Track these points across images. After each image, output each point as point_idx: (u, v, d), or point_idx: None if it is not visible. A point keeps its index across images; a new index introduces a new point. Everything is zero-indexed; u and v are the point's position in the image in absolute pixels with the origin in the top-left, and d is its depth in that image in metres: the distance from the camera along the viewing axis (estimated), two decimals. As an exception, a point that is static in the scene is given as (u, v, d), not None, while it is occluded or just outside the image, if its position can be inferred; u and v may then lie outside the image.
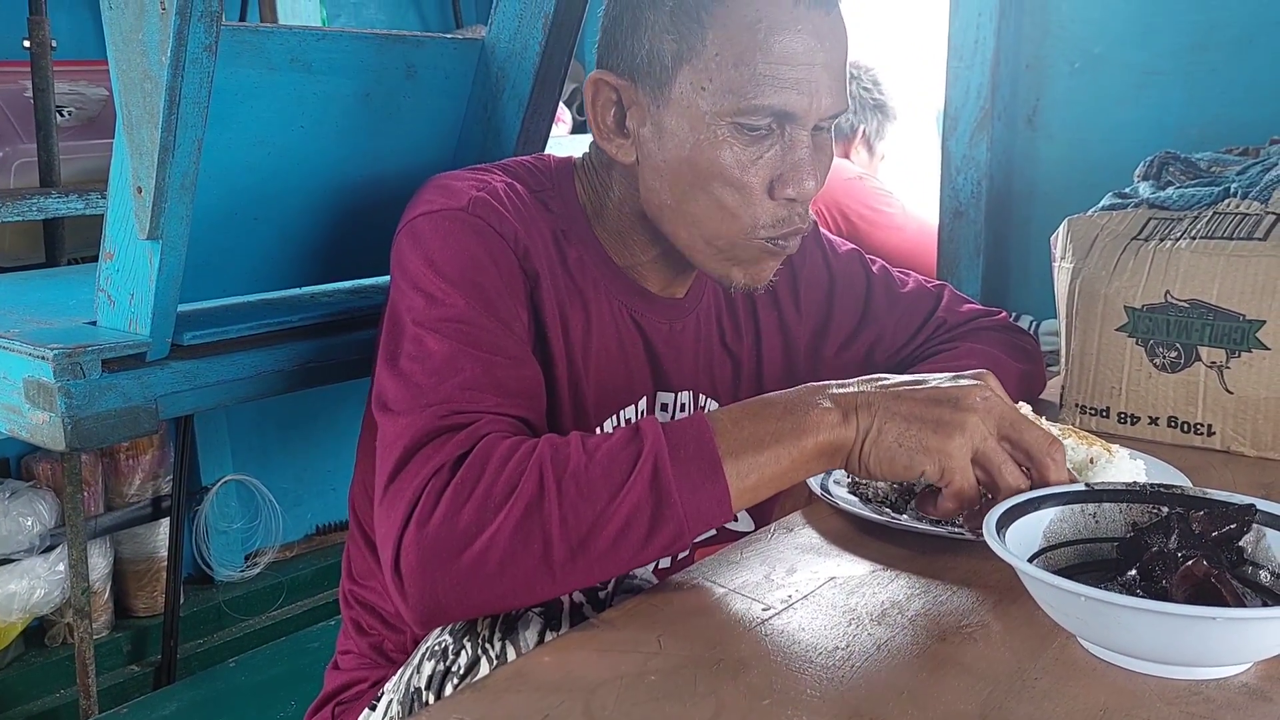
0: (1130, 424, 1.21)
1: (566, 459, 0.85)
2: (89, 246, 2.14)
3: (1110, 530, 0.84)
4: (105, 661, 2.39)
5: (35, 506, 2.26)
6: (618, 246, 1.15)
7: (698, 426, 0.86)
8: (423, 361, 0.96)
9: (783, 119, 1.01)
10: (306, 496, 2.92)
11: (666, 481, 0.83)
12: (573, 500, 0.83)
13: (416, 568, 0.84)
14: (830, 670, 0.72)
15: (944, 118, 2.14)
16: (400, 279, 1.03)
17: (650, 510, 0.83)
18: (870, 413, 0.86)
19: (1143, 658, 0.70)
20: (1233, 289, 1.13)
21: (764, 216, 1.04)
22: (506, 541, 0.82)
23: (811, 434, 0.86)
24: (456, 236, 1.03)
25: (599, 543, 0.83)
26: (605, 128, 1.08)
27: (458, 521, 0.83)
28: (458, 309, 0.98)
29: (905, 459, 0.85)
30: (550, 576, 0.83)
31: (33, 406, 1.12)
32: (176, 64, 0.99)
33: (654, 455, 0.84)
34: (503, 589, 0.84)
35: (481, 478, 0.85)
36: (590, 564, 0.83)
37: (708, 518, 0.84)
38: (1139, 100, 1.91)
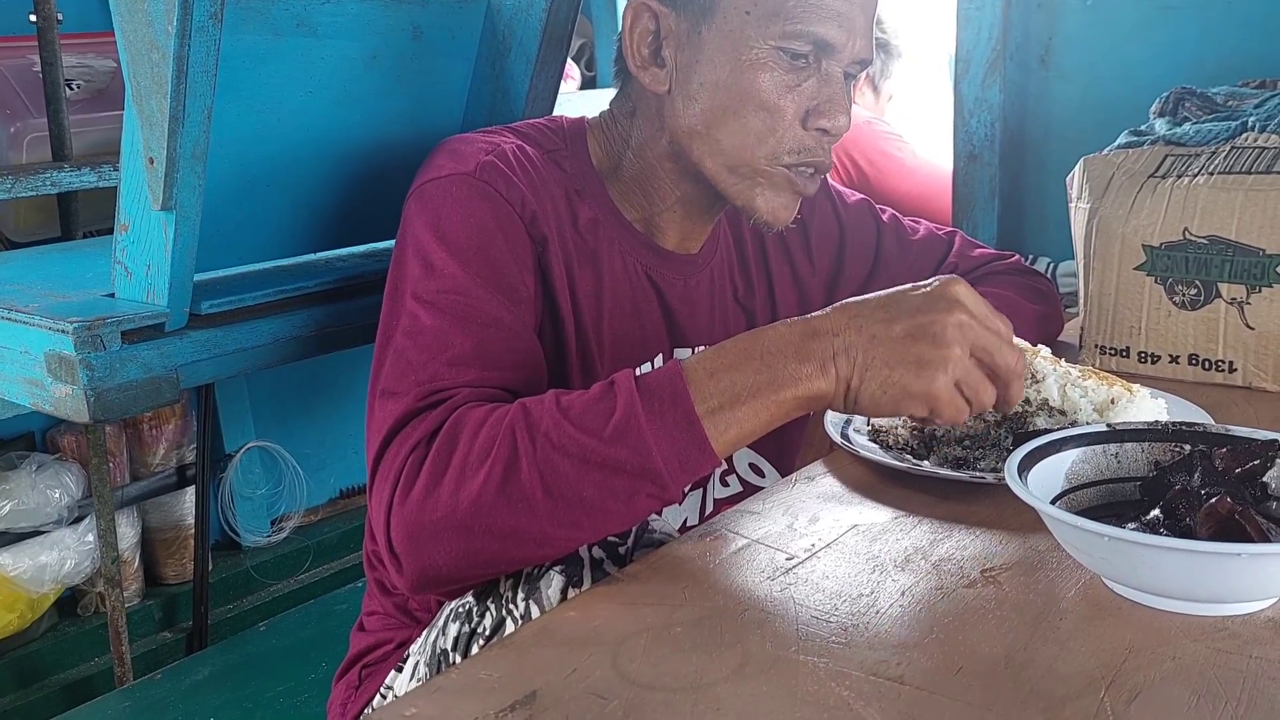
0: (1151, 363, 1.21)
1: (540, 418, 0.85)
2: (104, 219, 2.14)
3: (1133, 470, 0.83)
4: (137, 629, 2.42)
5: (62, 479, 2.29)
6: (635, 199, 1.15)
7: (673, 381, 0.85)
8: (415, 337, 0.97)
9: (821, 50, 1.04)
10: (329, 460, 2.94)
11: (643, 436, 0.83)
12: (549, 459, 0.84)
13: (406, 542, 0.86)
14: (855, 617, 0.72)
15: (955, 60, 2.11)
16: (404, 245, 1.04)
17: (630, 466, 0.83)
18: (849, 360, 0.86)
19: (1168, 596, 0.71)
20: (1252, 223, 1.12)
21: (792, 143, 1.06)
22: (489, 504, 0.83)
23: (789, 387, 0.85)
24: (462, 202, 1.03)
25: (580, 500, 0.83)
26: (641, 57, 1.10)
27: (439, 492, 0.85)
28: (455, 280, 0.99)
29: (891, 405, 0.85)
30: (537, 535, 0.84)
31: (55, 380, 1.13)
32: (183, 33, 0.99)
33: (628, 411, 0.84)
34: (491, 552, 0.85)
35: (456, 447, 0.86)
36: (574, 521, 0.84)
37: (692, 470, 0.85)
38: (1153, 36, 1.88)
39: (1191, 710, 0.61)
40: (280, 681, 2.16)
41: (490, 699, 0.65)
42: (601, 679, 0.66)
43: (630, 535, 0.90)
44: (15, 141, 2.12)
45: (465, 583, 0.91)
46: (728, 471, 1.27)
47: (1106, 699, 0.62)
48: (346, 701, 1.21)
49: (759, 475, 1.28)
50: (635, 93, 1.14)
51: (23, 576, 2.22)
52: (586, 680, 0.66)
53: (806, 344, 0.87)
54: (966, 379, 0.85)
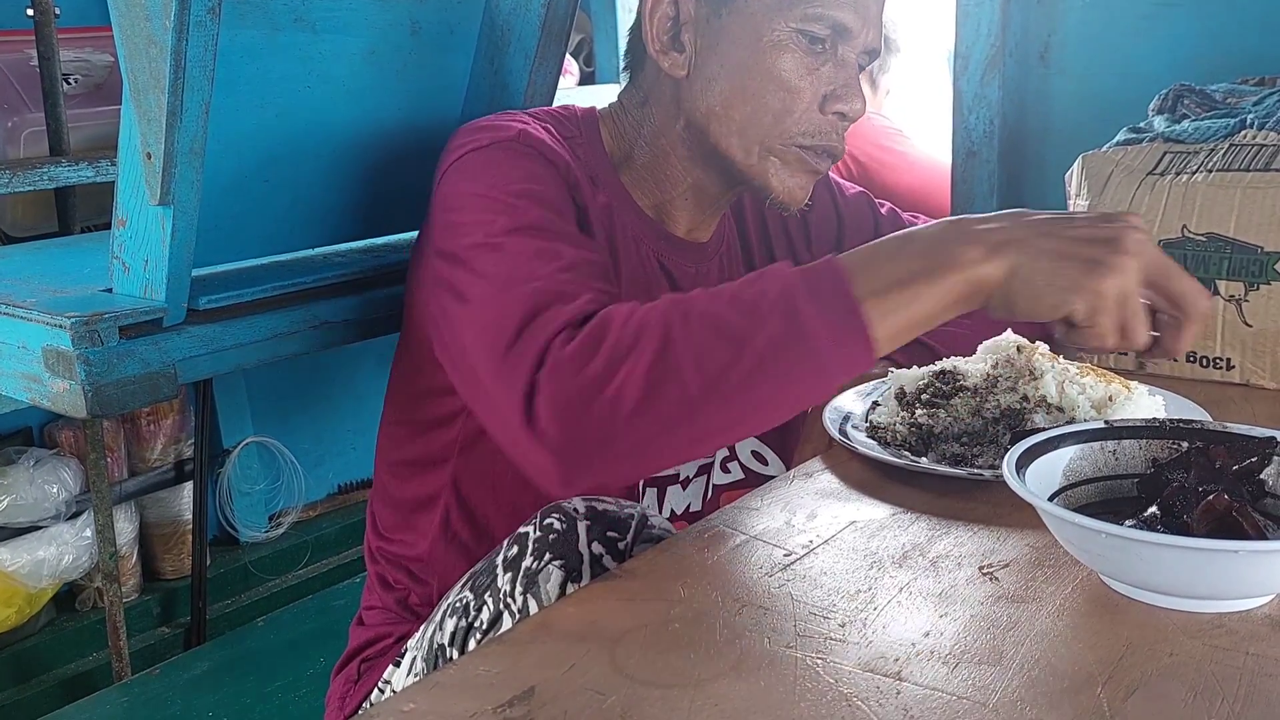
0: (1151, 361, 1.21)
1: (692, 302, 0.84)
2: (101, 214, 2.14)
3: (1130, 467, 0.84)
4: (136, 624, 2.42)
5: (60, 474, 2.28)
6: (647, 186, 1.17)
7: (830, 269, 0.83)
8: (512, 258, 0.95)
9: (838, 35, 1.07)
10: (327, 456, 2.94)
11: (802, 318, 0.80)
12: (704, 338, 0.81)
13: (554, 417, 0.83)
14: (852, 614, 0.72)
15: (955, 57, 2.11)
16: (459, 214, 1.02)
17: (789, 346, 0.80)
18: (1020, 249, 0.82)
19: (1165, 592, 0.71)
20: (1250, 221, 1.12)
21: (808, 125, 1.09)
22: (641, 382, 0.81)
23: (956, 271, 0.81)
24: (512, 160, 1.04)
25: (736, 380, 0.81)
26: (661, 41, 1.11)
27: (589, 371, 0.82)
28: (531, 216, 0.99)
29: (1056, 297, 0.81)
30: (690, 419, 0.82)
31: (53, 375, 1.13)
32: (180, 27, 0.99)
33: (786, 292, 0.81)
34: (643, 433, 0.82)
35: (607, 333, 0.84)
36: (730, 405, 0.82)
37: (851, 361, 0.82)
38: (1152, 33, 1.88)
39: (1188, 706, 0.61)
40: (278, 676, 2.16)
41: (488, 695, 0.65)
42: (599, 675, 0.66)
43: (630, 531, 0.90)
44: (12, 136, 2.11)
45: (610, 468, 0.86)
46: (729, 458, 1.27)
47: (1103, 695, 0.62)
48: (345, 695, 1.22)
49: (762, 463, 1.29)
50: (648, 81, 1.16)
51: (20, 571, 2.22)
52: (584, 676, 0.66)
53: (971, 230, 0.84)
54: (1132, 301, 0.81)
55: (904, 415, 1.02)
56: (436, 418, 1.16)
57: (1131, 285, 0.81)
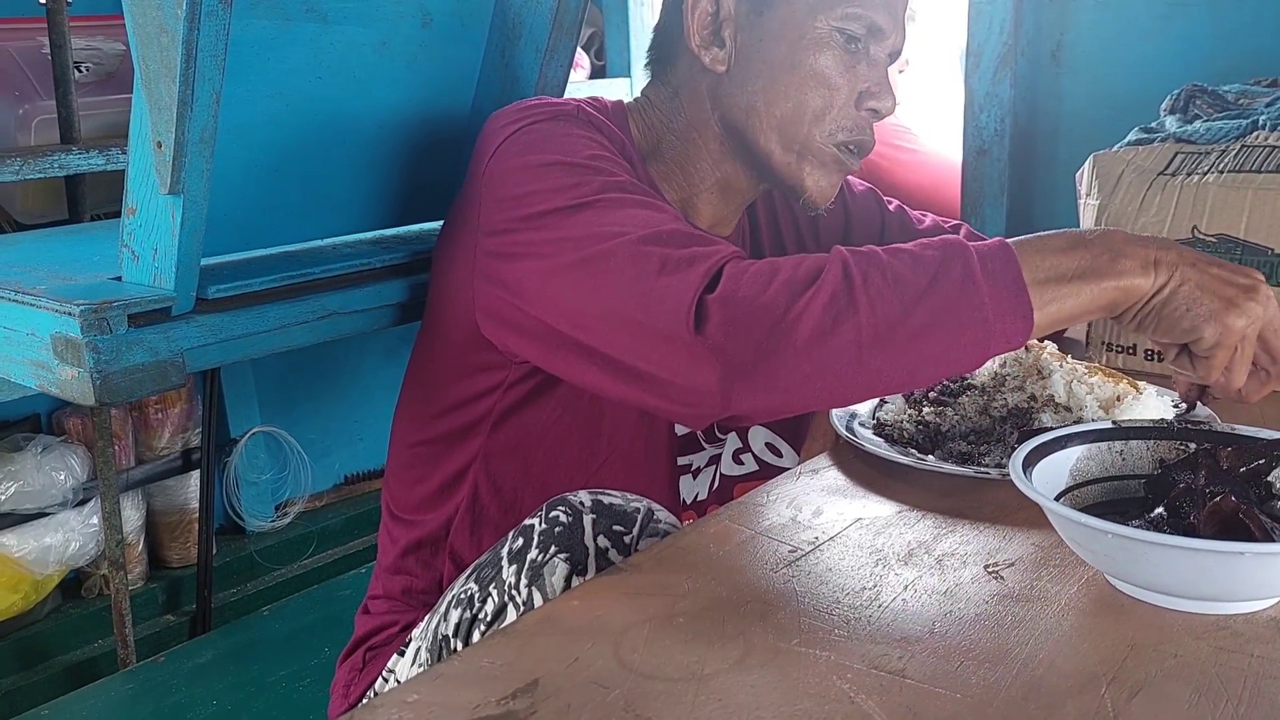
0: (1157, 360, 1.20)
1: (870, 254, 0.86)
2: (111, 202, 2.14)
3: (1138, 467, 0.83)
4: (141, 612, 2.42)
5: (67, 461, 2.29)
6: (675, 179, 1.18)
7: (1004, 250, 0.87)
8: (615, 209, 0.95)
9: (872, 34, 1.10)
10: (334, 447, 2.94)
11: (977, 285, 0.83)
12: (880, 288, 0.83)
13: (726, 327, 0.84)
14: (857, 611, 0.72)
15: (966, 55, 2.11)
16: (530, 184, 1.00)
17: (962, 310, 0.83)
18: (1169, 270, 0.87)
19: (1170, 593, 0.71)
20: (1261, 223, 1.11)
21: (846, 121, 1.11)
22: (817, 317, 0.83)
23: (1113, 278, 0.86)
24: (574, 131, 1.05)
25: (908, 330, 0.83)
26: (701, 37, 1.13)
27: (767, 292, 0.84)
28: (624, 179, 0.99)
29: (1189, 322, 0.86)
30: (858, 360, 0.83)
31: (61, 362, 1.13)
32: (192, 17, 0.99)
33: (963, 260, 0.84)
34: (810, 367, 0.83)
35: (780, 269, 0.86)
36: (898, 353, 0.83)
37: (1012, 330, 0.84)
38: (1165, 33, 1.88)
39: (1192, 708, 0.61)
40: (282, 666, 2.17)
41: (492, 687, 0.65)
42: (603, 668, 0.66)
43: (636, 525, 0.90)
44: (23, 124, 2.12)
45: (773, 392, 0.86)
46: (743, 450, 1.28)
47: (1107, 695, 0.62)
48: (350, 684, 1.22)
49: (776, 455, 1.29)
50: (679, 77, 1.17)
51: (27, 558, 2.22)
52: (588, 669, 0.66)
53: (1130, 244, 0.88)
54: (1249, 345, 0.88)
55: (911, 413, 1.02)
56: (466, 397, 1.16)
57: (1254, 330, 0.87)
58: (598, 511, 0.89)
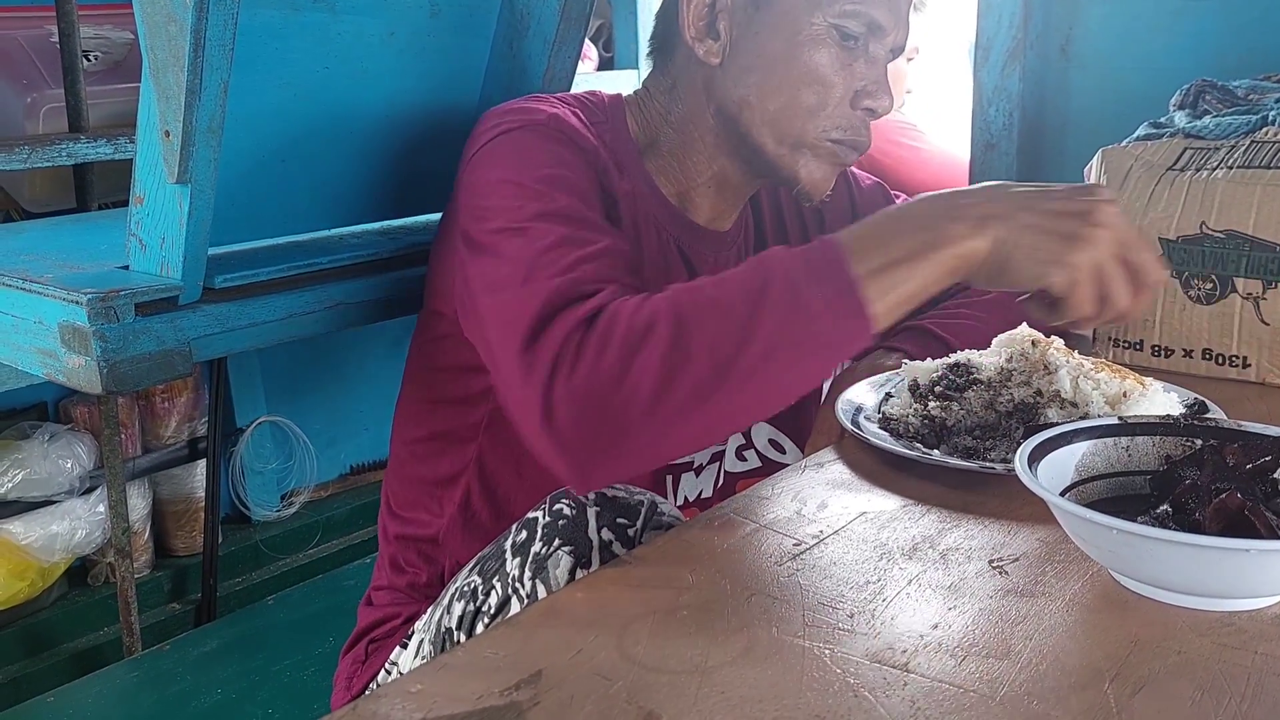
0: (1164, 357, 1.20)
1: (699, 290, 0.85)
2: (119, 191, 2.13)
3: (1143, 464, 0.83)
4: (147, 600, 2.43)
5: (74, 449, 2.30)
6: (672, 173, 1.17)
7: (830, 246, 0.85)
8: (533, 243, 0.95)
9: (871, 31, 1.08)
10: (340, 437, 2.95)
11: (805, 299, 0.82)
12: (713, 325, 0.82)
13: (572, 417, 0.84)
14: (861, 604, 0.72)
15: (975, 48, 2.10)
16: (486, 198, 1.02)
17: (795, 327, 0.82)
18: (1003, 223, 0.84)
19: (1175, 590, 0.71)
20: (1270, 219, 1.11)
21: (840, 119, 1.10)
22: (655, 374, 0.82)
23: (946, 246, 0.84)
24: (542, 144, 1.05)
25: (747, 364, 0.82)
26: (697, 28, 1.12)
27: (602, 365, 0.83)
28: (559, 203, 0.99)
29: (1037, 270, 0.84)
30: (704, 406, 0.82)
31: (69, 350, 1.14)
32: (201, 6, 0.99)
33: (786, 274, 0.83)
34: (659, 425, 0.83)
35: (617, 324, 0.85)
36: (742, 388, 0.83)
37: (853, 337, 0.84)
38: (1175, 27, 1.87)
39: (1195, 705, 0.61)
40: (287, 655, 2.17)
41: (496, 678, 0.65)
42: (607, 660, 0.66)
43: (640, 518, 0.90)
44: (31, 112, 2.12)
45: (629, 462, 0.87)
46: (746, 446, 1.28)
47: (1110, 691, 0.62)
48: (352, 675, 1.22)
49: (779, 451, 1.29)
50: (677, 68, 1.16)
51: (34, 545, 2.23)
52: (592, 661, 0.66)
53: (958, 206, 0.86)
54: (1110, 268, 0.85)
55: (917, 407, 1.02)
56: (461, 396, 1.16)
57: (1105, 256, 0.84)
58: (601, 504, 0.89)
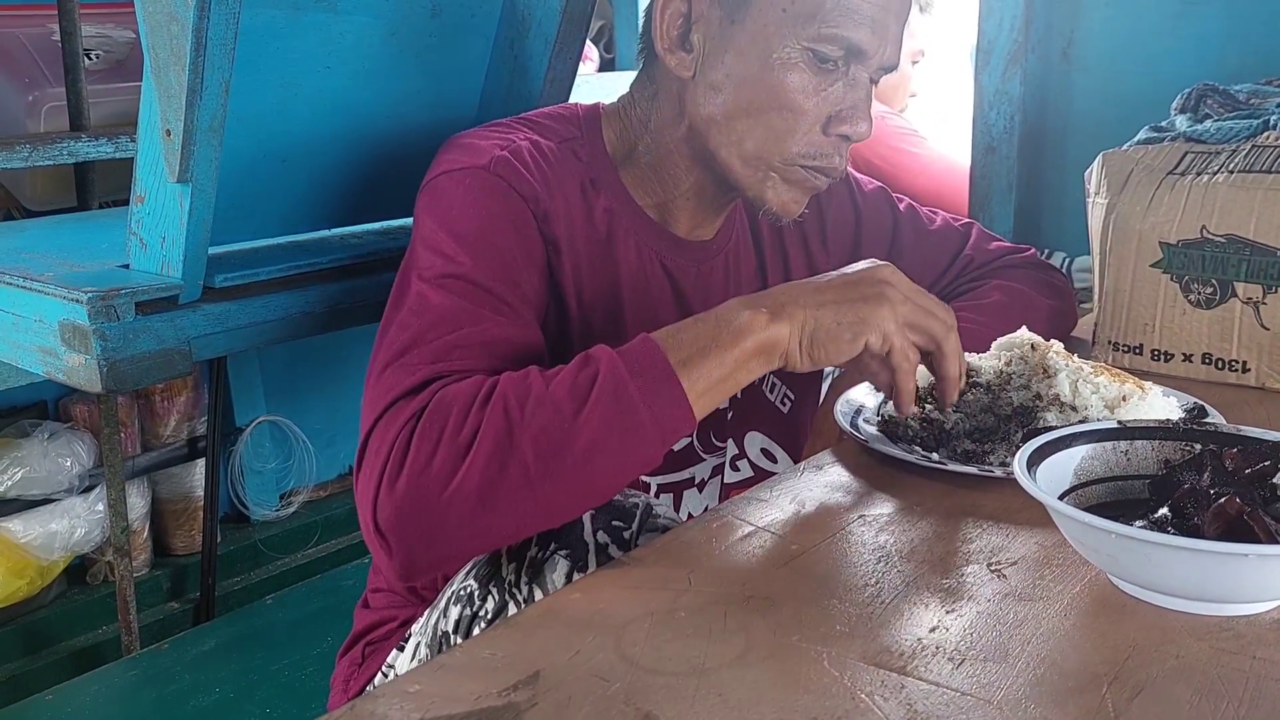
0: (1164, 361, 1.20)
1: (528, 388, 0.86)
2: (120, 190, 2.14)
3: (1142, 468, 0.83)
4: (145, 599, 2.43)
5: (74, 448, 2.30)
6: (650, 185, 1.15)
7: (645, 343, 0.89)
8: (420, 315, 0.97)
9: (851, 55, 1.04)
10: (339, 437, 2.95)
11: (629, 394, 0.85)
12: (541, 423, 0.84)
13: (394, 524, 0.84)
14: (860, 607, 0.72)
15: (977, 51, 2.10)
16: (416, 237, 1.04)
17: (618, 422, 0.84)
18: (799, 306, 0.91)
19: (1174, 594, 0.71)
20: (1270, 223, 1.11)
21: (809, 146, 1.07)
22: (480, 474, 0.82)
23: (748, 334, 0.89)
24: (475, 195, 1.03)
25: (572, 459, 0.83)
26: (669, 39, 1.09)
27: (430, 470, 0.83)
28: (464, 268, 0.99)
29: (849, 335, 0.90)
30: (531, 498, 0.83)
31: (69, 349, 1.14)
32: (202, 5, 0.99)
33: (612, 372, 0.86)
34: (484, 523, 0.84)
35: (447, 422, 0.85)
36: (567, 483, 0.84)
37: (674, 425, 0.87)
38: (1176, 31, 1.87)
39: (1193, 709, 0.61)
40: (285, 655, 2.17)
41: (493, 678, 0.65)
42: (604, 661, 0.66)
43: (635, 520, 0.90)
44: (33, 110, 2.12)
45: (452, 561, 0.90)
46: (739, 456, 1.27)
47: (1108, 695, 0.62)
48: (349, 678, 1.22)
49: (771, 460, 1.29)
50: (659, 75, 1.13)
51: (33, 544, 2.23)
52: (589, 662, 0.66)
53: (757, 298, 0.92)
54: (911, 317, 0.92)
55: (916, 410, 1.02)
56: None
57: (900, 304, 0.92)
58: (597, 507, 0.89)
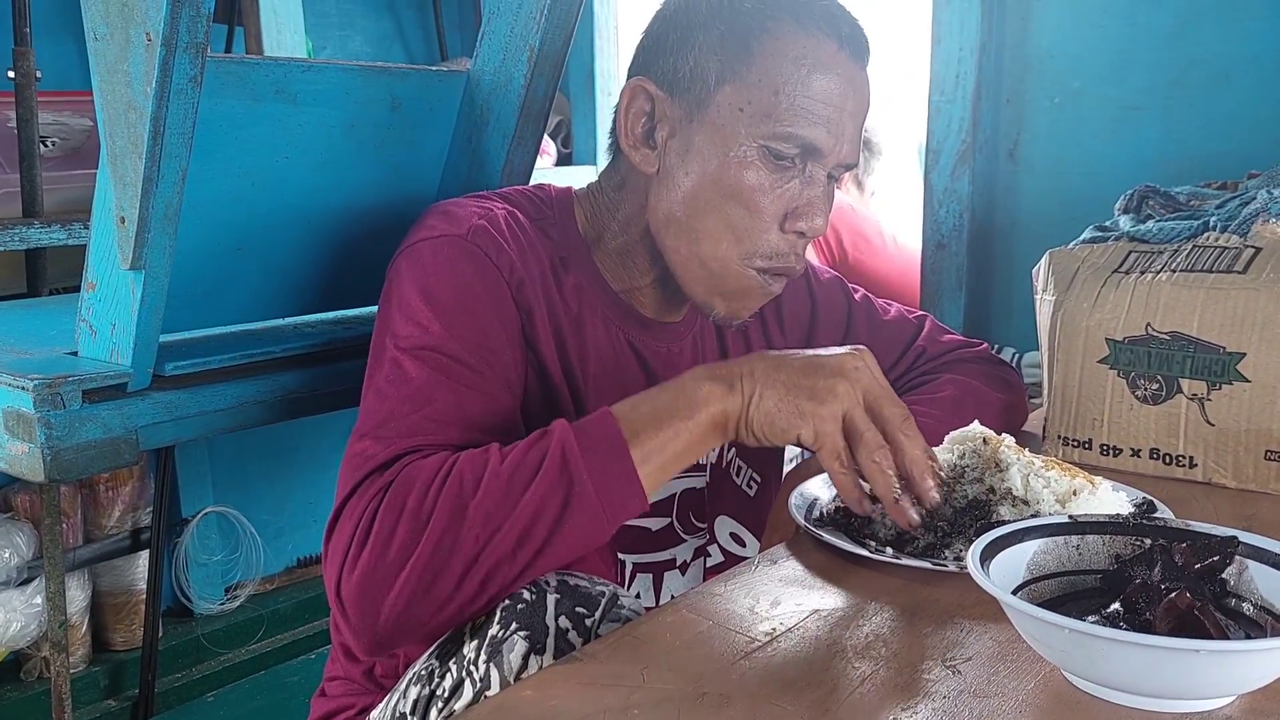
0: (1113, 456, 1.22)
1: (484, 464, 0.89)
2: (71, 276, 2.12)
3: (1094, 562, 0.84)
4: (82, 696, 2.35)
5: (13, 538, 2.24)
6: (617, 270, 1.17)
7: (601, 416, 0.92)
8: (398, 386, 0.99)
9: (807, 154, 1.06)
10: (288, 529, 2.90)
11: (575, 466, 0.87)
12: (493, 497, 0.87)
13: (356, 596, 0.87)
14: (815, 704, 0.72)
15: (926, 151, 2.15)
16: (392, 302, 1.05)
17: (561, 494, 0.87)
18: (754, 380, 0.93)
19: (1127, 690, 0.70)
20: (1213, 321, 1.14)
21: (766, 246, 1.08)
22: (433, 549, 0.86)
23: (704, 407, 0.92)
24: (453, 263, 1.05)
25: (517, 533, 0.86)
26: (634, 136, 1.11)
27: (391, 545, 0.87)
28: (439, 338, 1.01)
29: (784, 422, 0.92)
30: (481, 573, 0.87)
31: (12, 437, 1.11)
32: (161, 95, 0.99)
33: (561, 445, 0.88)
34: (440, 597, 0.87)
35: (408, 499, 0.88)
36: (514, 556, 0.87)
37: (620, 499, 0.89)
38: (1118, 134, 1.93)
39: (1150, 808, 0.60)
40: (226, 754, 2.11)
41: (441, 779, 0.63)
42: (555, 761, 0.65)
43: (599, 609, 0.89)
44: (-14, 196, 2.11)
45: (417, 636, 0.91)
46: (709, 541, 1.27)
47: (1065, 794, 0.61)
48: (302, 771, 1.19)
49: (740, 545, 1.28)
50: (625, 167, 1.16)
51: (-34, 638, 2.16)
52: (540, 762, 0.65)
53: (717, 369, 0.95)
54: (852, 416, 0.92)
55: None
56: None
57: (848, 405, 0.92)
58: (562, 591, 0.88)
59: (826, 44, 1.06)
